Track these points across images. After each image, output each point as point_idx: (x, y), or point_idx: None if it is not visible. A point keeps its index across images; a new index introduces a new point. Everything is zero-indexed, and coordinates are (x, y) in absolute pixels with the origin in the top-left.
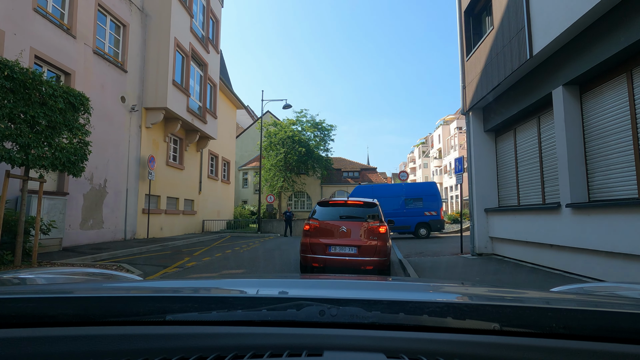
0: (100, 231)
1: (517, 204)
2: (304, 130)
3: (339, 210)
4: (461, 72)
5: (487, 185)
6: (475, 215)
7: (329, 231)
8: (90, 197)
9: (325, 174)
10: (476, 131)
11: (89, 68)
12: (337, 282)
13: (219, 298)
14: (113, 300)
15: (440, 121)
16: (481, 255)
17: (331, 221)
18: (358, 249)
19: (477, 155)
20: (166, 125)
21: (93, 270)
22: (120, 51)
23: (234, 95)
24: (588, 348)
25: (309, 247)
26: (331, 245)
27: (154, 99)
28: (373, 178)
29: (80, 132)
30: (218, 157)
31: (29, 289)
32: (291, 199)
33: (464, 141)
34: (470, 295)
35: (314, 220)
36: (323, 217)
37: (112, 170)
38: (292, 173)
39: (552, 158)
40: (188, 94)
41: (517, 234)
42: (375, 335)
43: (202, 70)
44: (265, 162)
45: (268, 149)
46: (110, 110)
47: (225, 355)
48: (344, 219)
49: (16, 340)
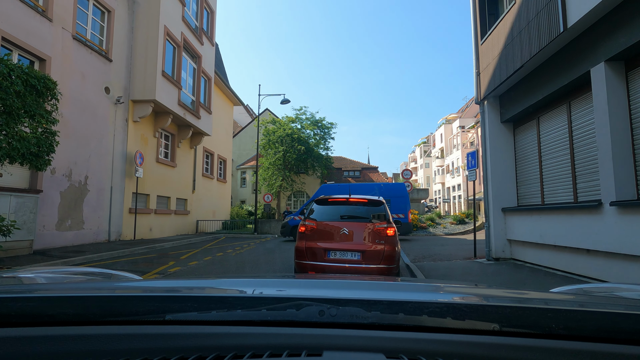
0: (80, 232)
1: (541, 202)
2: (303, 128)
3: (339, 210)
4: (475, 58)
5: (504, 182)
6: (491, 216)
7: (328, 234)
8: (68, 195)
9: (325, 173)
10: (492, 122)
11: (68, 55)
12: (337, 282)
13: (218, 298)
14: (113, 300)
15: (443, 120)
16: (498, 260)
17: (331, 222)
18: (362, 254)
19: (493, 148)
20: (156, 119)
21: (93, 270)
22: (104, 39)
23: (231, 92)
24: (588, 349)
25: (304, 253)
26: (331, 250)
27: (142, 91)
28: (374, 177)
29: (45, 120)
30: (214, 155)
31: (29, 289)
32: (290, 199)
33: (466, 140)
34: (470, 296)
35: (310, 221)
36: (321, 217)
37: (94, 166)
38: (291, 172)
39: (587, 149)
40: (179, 87)
41: (543, 237)
42: (375, 336)
43: (195, 63)
44: (263, 161)
45: (267, 147)
46: (92, 102)
47: (224, 355)
48: (346, 219)
49: (16, 340)
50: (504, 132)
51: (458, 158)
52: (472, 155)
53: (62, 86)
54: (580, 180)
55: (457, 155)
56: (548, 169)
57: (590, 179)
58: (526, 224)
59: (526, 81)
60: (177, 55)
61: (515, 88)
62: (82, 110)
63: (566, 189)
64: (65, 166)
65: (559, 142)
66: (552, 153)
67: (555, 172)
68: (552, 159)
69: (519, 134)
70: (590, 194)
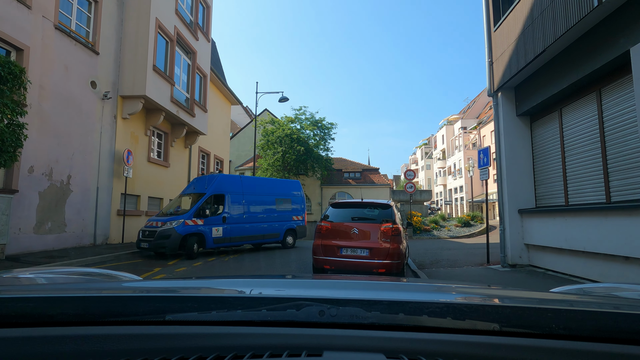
0: (61, 235)
1: (565, 203)
2: (303, 129)
3: (351, 212)
4: (487, 46)
5: (520, 181)
6: (506, 218)
7: (341, 233)
8: (48, 196)
9: (325, 174)
10: (507, 116)
11: (49, 45)
12: (337, 282)
13: (218, 298)
14: (113, 300)
15: (444, 121)
16: (515, 266)
17: (343, 223)
18: (370, 251)
19: (509, 144)
20: (147, 117)
21: (93, 270)
22: (91, 30)
23: (228, 90)
24: (587, 349)
25: (320, 249)
26: (343, 247)
27: (131, 86)
28: (375, 179)
29: (10, 110)
30: (210, 155)
31: (29, 289)
32: None
33: (468, 141)
34: (470, 296)
35: (325, 222)
36: (335, 219)
37: (78, 164)
38: (290, 173)
39: (622, 142)
40: (172, 83)
41: (569, 242)
42: (375, 336)
43: (190, 59)
44: (262, 162)
45: (265, 148)
46: (77, 96)
47: (224, 355)
48: (356, 220)
49: (16, 340)
50: (520, 127)
51: (460, 159)
52: (484, 152)
53: (42, 78)
54: (613, 177)
55: (459, 157)
56: (573, 165)
57: (626, 176)
58: (548, 227)
59: (547, 69)
60: (169, 50)
61: (534, 77)
62: (64, 104)
63: (595, 188)
64: (45, 164)
65: (587, 136)
66: (577, 148)
67: (581, 169)
68: (577, 155)
69: (538, 128)
70: (627, 193)
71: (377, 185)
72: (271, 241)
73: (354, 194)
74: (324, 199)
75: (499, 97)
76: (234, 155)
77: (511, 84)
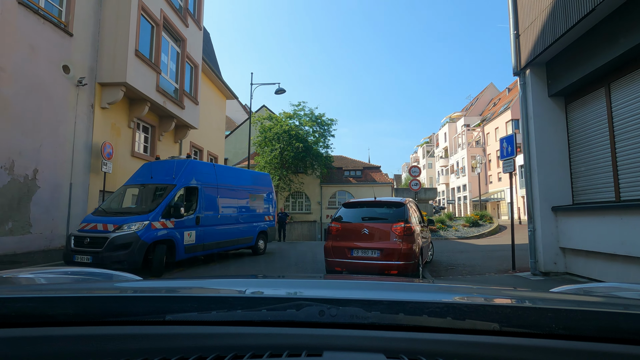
0: (25, 237)
1: (616, 198)
2: (301, 125)
3: (362, 212)
4: (512, 15)
5: (554, 173)
6: (537, 217)
7: (351, 234)
8: (8, 192)
9: (325, 172)
10: (537, 97)
11: (10, 22)
12: (337, 282)
13: (218, 298)
14: (113, 300)
15: (446, 119)
16: (548, 274)
17: (354, 223)
18: (381, 252)
19: (539, 130)
20: (131, 107)
21: (93, 270)
22: (64, 9)
23: (223, 84)
24: (587, 349)
25: (331, 251)
26: (353, 248)
27: (110, 72)
28: (376, 177)
29: None
30: (203, 151)
31: (29, 289)
32: (288, 200)
33: (472, 139)
34: (470, 296)
35: (336, 223)
36: (346, 219)
37: (46, 157)
38: (288, 171)
39: None
40: (158, 71)
41: (628, 246)
42: (375, 336)
43: (179, 47)
44: (259, 160)
45: (262, 145)
46: (46, 81)
47: (224, 355)
48: (367, 220)
49: (16, 340)
50: (553, 109)
51: (463, 157)
52: (509, 140)
53: (1, 59)
54: None
55: (462, 155)
56: (627, 153)
57: None
58: (593, 228)
59: (592, 35)
60: (155, 35)
61: (573, 48)
62: (30, 89)
63: None
64: (5, 156)
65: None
66: (634, 131)
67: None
68: (633, 139)
69: (575, 110)
70: None
71: (378, 184)
72: (243, 247)
73: (354, 193)
74: (324, 198)
75: (527, 75)
76: (230, 153)
77: (542, 59)
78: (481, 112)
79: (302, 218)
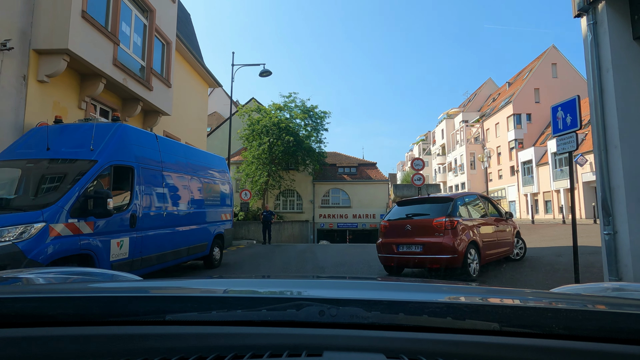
0: None
1: None
2: (292, 118)
3: (408, 209)
4: None
5: None
6: (621, 214)
7: (397, 231)
8: None
9: (317, 168)
10: (617, 40)
11: None
12: (337, 282)
13: (218, 298)
14: (113, 300)
15: (444, 115)
16: None
17: (399, 220)
18: (422, 246)
19: (622, 87)
20: (82, 84)
21: (93, 270)
22: None
23: (205, 70)
24: (588, 348)
25: (381, 247)
26: (399, 244)
27: (49, 37)
28: (372, 174)
29: None
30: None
31: (29, 289)
32: (278, 198)
33: (470, 136)
34: (470, 296)
35: (385, 221)
36: (394, 217)
37: None
38: (278, 167)
39: None
40: (116, 41)
41: None
42: (375, 336)
43: (145, 18)
44: (246, 155)
45: (250, 138)
46: None
47: (224, 355)
48: (410, 217)
49: (16, 340)
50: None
51: (462, 154)
52: (568, 107)
53: None
54: None
55: (460, 152)
56: None
57: None
58: None
59: None
60: None
61: None
62: None
63: None
64: None
65: None
66: None
67: None
68: None
69: None
70: None
71: (374, 182)
72: (194, 258)
73: (349, 191)
74: (317, 197)
75: (600, 10)
76: (217, 149)
77: None
78: (479, 108)
79: (294, 217)
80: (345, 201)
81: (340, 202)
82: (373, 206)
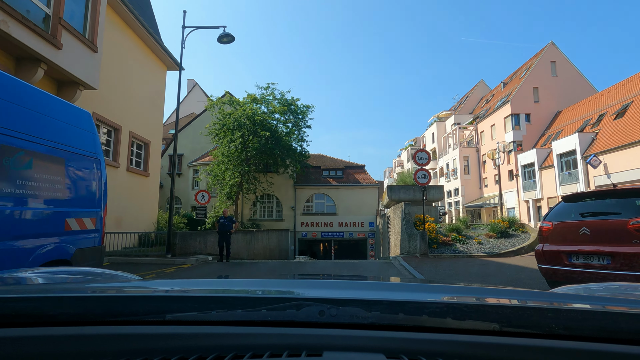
0: None
1: None
2: (271, 112)
3: (583, 206)
4: None
5: None
6: None
7: (567, 235)
8: None
9: (298, 170)
10: None
11: None
12: (337, 282)
13: (218, 298)
14: (113, 300)
15: (434, 118)
16: None
17: (570, 222)
18: (612, 258)
19: None
20: None
21: (93, 270)
22: None
23: (161, 48)
24: (588, 349)
25: (542, 256)
26: (571, 254)
27: None
28: (360, 178)
29: None
30: (120, 131)
31: (29, 289)
32: (255, 204)
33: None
34: (470, 296)
35: (547, 222)
36: (561, 217)
37: None
38: (254, 168)
39: None
40: None
41: None
42: (375, 336)
43: None
44: (216, 153)
45: (221, 134)
46: None
47: (224, 355)
48: (588, 216)
49: (16, 340)
50: None
51: (455, 158)
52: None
53: None
54: None
55: (453, 156)
56: None
57: None
58: None
59: None
60: None
61: None
62: None
63: None
64: None
65: None
66: None
67: None
68: None
69: None
70: None
71: (363, 186)
72: None
73: (334, 197)
74: (298, 202)
75: None
76: (187, 149)
77: None
78: (472, 111)
79: (272, 226)
80: (331, 207)
81: (325, 208)
82: (361, 213)
